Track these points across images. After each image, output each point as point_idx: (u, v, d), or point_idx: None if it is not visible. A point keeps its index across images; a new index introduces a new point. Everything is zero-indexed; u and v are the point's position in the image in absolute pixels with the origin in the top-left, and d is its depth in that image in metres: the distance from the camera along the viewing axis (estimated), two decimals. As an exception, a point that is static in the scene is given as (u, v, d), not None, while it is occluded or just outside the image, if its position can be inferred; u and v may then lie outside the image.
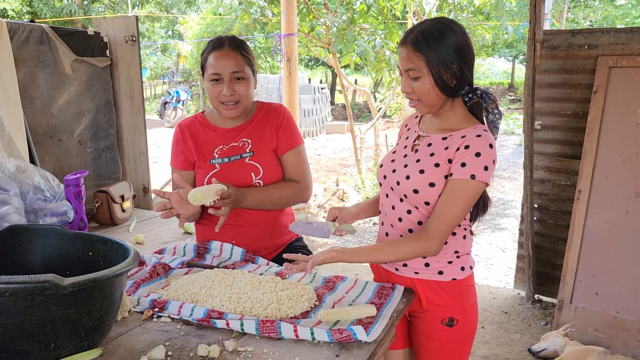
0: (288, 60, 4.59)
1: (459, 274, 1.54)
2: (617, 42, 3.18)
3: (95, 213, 2.38)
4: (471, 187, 1.41)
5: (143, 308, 1.42)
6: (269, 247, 1.94)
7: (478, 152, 1.40)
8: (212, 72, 1.78)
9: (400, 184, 1.51)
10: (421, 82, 1.43)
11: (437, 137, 1.51)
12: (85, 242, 1.38)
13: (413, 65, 1.42)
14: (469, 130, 1.45)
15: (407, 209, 1.53)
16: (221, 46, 1.80)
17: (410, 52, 1.42)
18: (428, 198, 1.47)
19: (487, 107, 1.51)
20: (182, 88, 15.15)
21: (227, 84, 1.78)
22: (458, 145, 1.44)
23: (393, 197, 1.56)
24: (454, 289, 1.54)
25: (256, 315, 1.38)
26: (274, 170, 1.88)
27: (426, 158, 1.49)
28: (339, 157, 9.63)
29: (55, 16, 14.13)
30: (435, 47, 1.40)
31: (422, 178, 1.47)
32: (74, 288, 1.02)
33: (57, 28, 2.57)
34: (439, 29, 1.41)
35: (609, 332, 2.99)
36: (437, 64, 1.40)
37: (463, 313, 1.55)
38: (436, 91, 1.43)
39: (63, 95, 2.62)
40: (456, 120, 1.51)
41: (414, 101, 1.49)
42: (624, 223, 3.04)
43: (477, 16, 8.43)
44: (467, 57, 1.43)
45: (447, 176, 1.45)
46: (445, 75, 1.42)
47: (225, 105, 1.81)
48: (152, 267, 1.64)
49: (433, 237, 1.42)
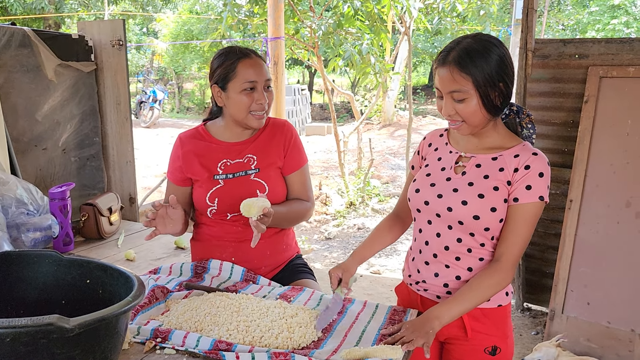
0: (275, 64, 4.51)
1: (504, 300, 1.47)
2: (608, 53, 3.19)
3: (82, 227, 2.27)
4: (539, 209, 1.36)
5: (144, 338, 1.33)
6: (269, 264, 1.87)
7: (541, 172, 1.35)
8: (247, 80, 1.70)
9: (452, 210, 1.40)
10: (467, 103, 1.34)
11: (486, 157, 1.42)
12: (82, 268, 1.28)
13: (459, 87, 1.32)
14: (520, 149, 1.39)
15: (458, 237, 1.42)
16: (250, 55, 1.74)
17: (455, 73, 1.32)
18: (489, 224, 1.38)
19: (521, 122, 1.46)
20: (158, 87, 14.86)
21: (261, 92, 1.73)
22: (515, 166, 1.36)
23: (439, 225, 1.45)
24: (498, 316, 1.47)
25: (267, 345, 1.30)
26: (279, 187, 1.81)
27: (480, 181, 1.39)
28: (320, 160, 9.56)
29: (26, 12, 13.72)
30: (483, 66, 1.31)
31: (481, 203, 1.37)
32: (81, 329, 0.93)
33: (40, 31, 2.44)
34: (483, 46, 1.32)
35: (601, 343, 3.00)
36: (485, 84, 1.32)
37: (505, 341, 1.48)
38: (483, 112, 1.35)
39: (47, 101, 2.49)
40: (499, 138, 1.43)
41: (456, 123, 1.38)
42: (615, 233, 3.05)
43: (458, 20, 8.48)
44: (511, 73, 1.36)
45: (506, 199, 1.37)
46: (493, 95, 1.34)
47: (256, 114, 1.74)
48: (151, 291, 1.54)
49: (507, 268, 1.36)
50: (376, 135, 12.29)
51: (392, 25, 9.04)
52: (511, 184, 1.37)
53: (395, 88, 12.45)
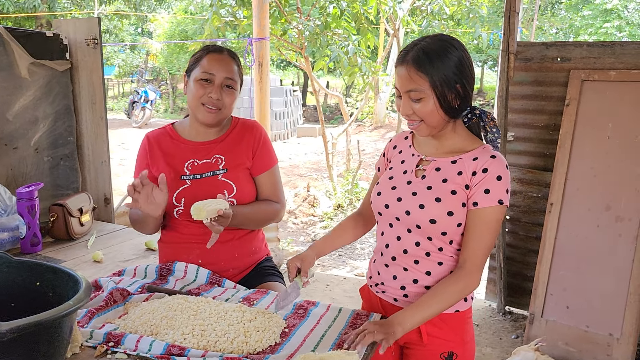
0: (260, 65, 4.48)
1: (462, 305, 1.45)
2: (590, 56, 3.19)
3: (51, 227, 2.24)
4: (500, 213, 1.35)
5: (96, 342, 1.30)
6: (236, 267, 1.84)
7: (499, 175, 1.33)
8: (204, 71, 1.70)
9: (410, 213, 1.39)
10: (424, 103, 1.32)
11: (445, 161, 1.40)
12: (32, 271, 1.25)
13: (415, 87, 1.31)
14: (479, 152, 1.37)
15: (416, 241, 1.41)
16: (220, 51, 1.75)
17: (412, 72, 1.31)
18: (446, 228, 1.37)
19: (485, 126, 1.44)
20: (150, 88, 14.78)
21: (217, 87, 1.71)
22: (473, 169, 1.35)
23: (399, 228, 1.44)
24: (456, 322, 1.45)
25: (221, 350, 1.28)
26: (247, 188, 1.79)
27: (439, 184, 1.38)
28: (310, 161, 9.54)
29: (19, 11, 13.65)
30: (440, 66, 1.30)
31: (438, 207, 1.36)
32: (14, 334, 0.91)
33: (13, 29, 2.41)
34: (441, 47, 1.31)
35: (579, 346, 2.99)
36: (441, 84, 1.30)
37: (463, 347, 1.46)
38: (440, 113, 1.33)
39: (19, 100, 2.46)
40: (459, 140, 1.42)
41: (414, 123, 1.37)
42: (594, 237, 3.04)
43: (448, 22, 8.48)
44: (470, 77, 1.35)
45: (464, 203, 1.36)
46: (450, 96, 1.32)
47: (207, 108, 1.72)
48: (109, 294, 1.52)
49: (471, 273, 1.34)
50: (367, 137, 12.28)
51: (383, 27, 9.03)
52: (469, 188, 1.36)
53: (387, 90, 12.44)
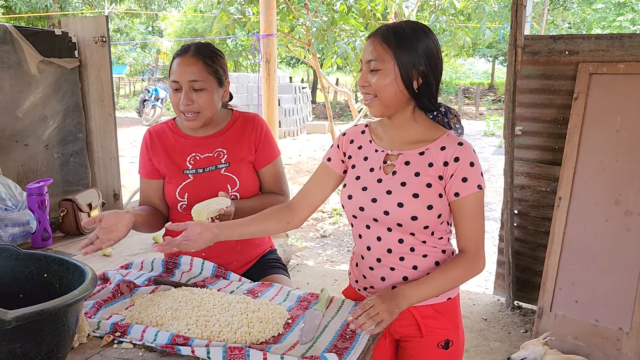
0: (267, 62, 4.50)
1: (452, 292, 1.47)
2: (598, 49, 3.16)
3: (61, 223, 2.27)
4: (480, 197, 1.37)
5: (103, 333, 1.33)
6: (240, 260, 1.86)
7: (471, 161, 1.35)
8: (172, 79, 1.70)
9: (390, 213, 1.37)
10: (380, 75, 1.32)
11: (413, 153, 1.40)
12: (39, 262, 1.28)
13: (376, 56, 1.32)
14: (445, 140, 1.38)
15: (399, 238, 1.40)
16: (185, 53, 1.71)
17: (377, 43, 1.33)
18: (427, 222, 1.37)
19: (449, 122, 1.46)
20: (160, 86, 14.86)
21: (185, 93, 1.68)
22: (444, 160, 1.36)
23: (378, 228, 1.42)
24: (450, 309, 1.47)
25: (225, 340, 1.30)
26: (250, 182, 1.81)
27: (412, 179, 1.37)
28: (319, 158, 9.55)
29: (31, 11, 13.81)
30: (406, 45, 1.31)
31: (417, 203, 1.35)
32: (19, 322, 0.93)
33: (22, 28, 2.45)
34: (412, 30, 1.33)
35: (588, 341, 2.98)
36: (405, 59, 1.31)
37: (457, 332, 1.48)
38: (399, 85, 1.32)
39: (29, 97, 2.50)
40: (422, 130, 1.42)
41: (369, 97, 1.37)
42: (603, 231, 3.02)
43: (458, 17, 8.43)
44: (435, 66, 1.35)
45: (441, 194, 1.37)
46: (411, 72, 1.32)
47: (185, 116, 1.72)
48: (116, 286, 1.54)
49: (475, 257, 1.37)
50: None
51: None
52: (443, 179, 1.37)
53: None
